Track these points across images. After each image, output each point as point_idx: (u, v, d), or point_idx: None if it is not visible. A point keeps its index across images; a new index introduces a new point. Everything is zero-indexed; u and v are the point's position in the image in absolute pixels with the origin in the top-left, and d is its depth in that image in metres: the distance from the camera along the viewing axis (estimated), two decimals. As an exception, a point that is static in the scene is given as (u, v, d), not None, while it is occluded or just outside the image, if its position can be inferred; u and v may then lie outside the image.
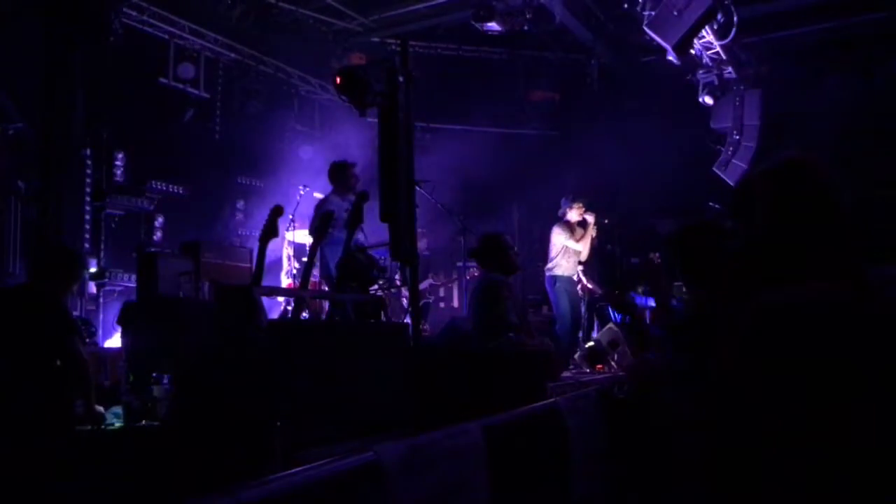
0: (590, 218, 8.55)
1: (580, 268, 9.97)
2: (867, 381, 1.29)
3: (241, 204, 10.57)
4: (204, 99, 10.01)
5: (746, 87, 10.67)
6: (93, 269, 7.97)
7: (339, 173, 7.20)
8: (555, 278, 8.46)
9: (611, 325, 8.15)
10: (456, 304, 10.25)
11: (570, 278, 8.55)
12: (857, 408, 1.27)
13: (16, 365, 3.83)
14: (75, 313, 6.33)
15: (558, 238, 8.49)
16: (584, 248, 8.55)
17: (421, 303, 9.70)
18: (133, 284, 7.19)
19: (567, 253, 8.47)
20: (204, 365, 3.54)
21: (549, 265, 8.54)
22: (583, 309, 8.98)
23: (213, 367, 3.47)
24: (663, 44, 8.66)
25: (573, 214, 8.55)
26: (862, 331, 1.35)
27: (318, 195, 10.04)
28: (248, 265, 7.09)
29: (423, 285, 9.79)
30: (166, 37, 9.51)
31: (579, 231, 8.54)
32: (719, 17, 9.02)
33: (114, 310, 6.82)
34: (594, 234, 8.69)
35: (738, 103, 10.61)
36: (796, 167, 1.63)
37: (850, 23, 10.33)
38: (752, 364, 1.36)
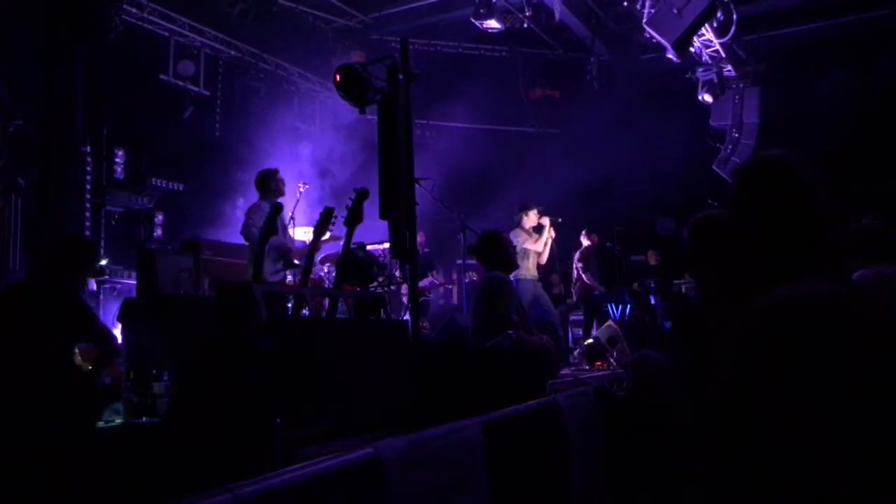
0: (545, 222, 8.64)
1: (580, 265, 10.00)
2: (877, 380, 1.30)
3: (240, 201, 10.56)
4: (204, 96, 10.02)
5: (746, 84, 10.69)
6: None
7: (267, 181, 7.24)
8: (516, 281, 8.55)
9: (610, 322, 8.16)
10: (455, 300, 10.26)
11: (531, 280, 8.62)
12: (869, 408, 1.28)
13: (38, 360, 3.82)
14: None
15: (517, 241, 8.59)
16: (543, 250, 8.66)
17: (420, 300, 9.74)
18: (133, 281, 7.19)
19: (526, 256, 8.56)
20: (204, 362, 3.55)
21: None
22: (580, 308, 9.03)
23: (213, 363, 3.48)
24: (663, 42, 8.66)
25: (529, 219, 8.65)
26: (872, 328, 1.36)
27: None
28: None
29: (424, 283, 9.82)
30: (166, 34, 9.51)
31: (535, 235, 8.64)
32: (719, 14, 9.03)
33: (114, 307, 6.82)
34: (552, 236, 8.80)
35: (737, 101, 10.63)
36: (767, 165, 1.63)
37: (851, 20, 10.33)
38: (763, 364, 1.36)
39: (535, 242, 8.61)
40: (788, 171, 1.57)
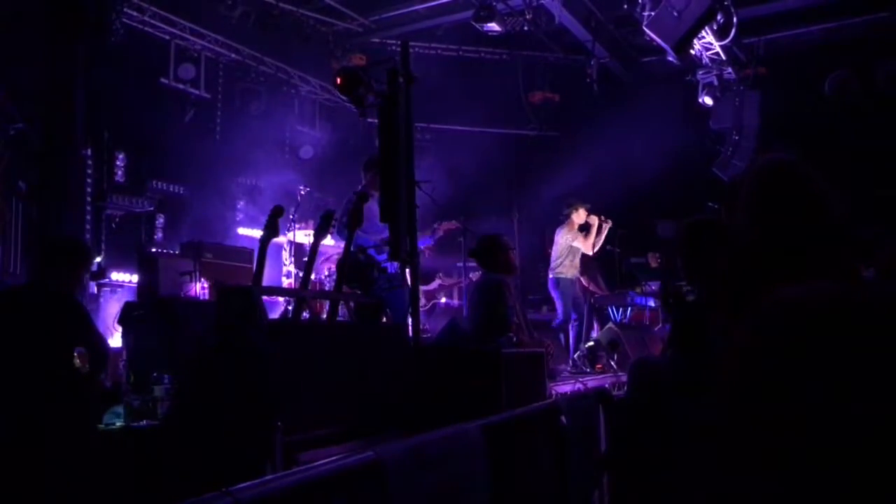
0: (592, 221, 8.60)
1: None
2: (883, 379, 1.29)
3: (241, 204, 10.58)
4: (204, 99, 10.03)
5: (746, 87, 10.68)
6: (93, 269, 7.97)
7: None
8: (558, 280, 8.50)
9: (610, 324, 8.17)
10: (456, 303, 10.26)
11: (572, 280, 8.59)
12: (876, 408, 1.27)
13: (35, 363, 3.82)
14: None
15: (565, 240, 8.54)
16: (589, 249, 8.63)
17: (431, 303, 9.77)
18: (133, 284, 7.20)
19: (571, 254, 8.52)
20: (204, 365, 3.55)
21: (553, 266, 8.57)
22: (585, 309, 9.02)
23: (213, 367, 3.48)
24: (663, 44, 8.67)
25: (579, 217, 8.61)
26: (879, 328, 1.35)
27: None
28: (249, 265, 7.10)
29: (432, 286, 9.83)
30: (167, 37, 9.52)
31: (583, 234, 8.60)
32: (719, 17, 9.04)
33: (114, 309, 6.82)
34: (599, 236, 8.78)
35: (737, 104, 10.62)
36: (776, 168, 1.63)
37: (851, 23, 10.34)
38: (767, 365, 1.36)
39: (585, 241, 8.57)
40: (799, 172, 1.57)
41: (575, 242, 8.50)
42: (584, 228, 8.64)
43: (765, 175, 1.65)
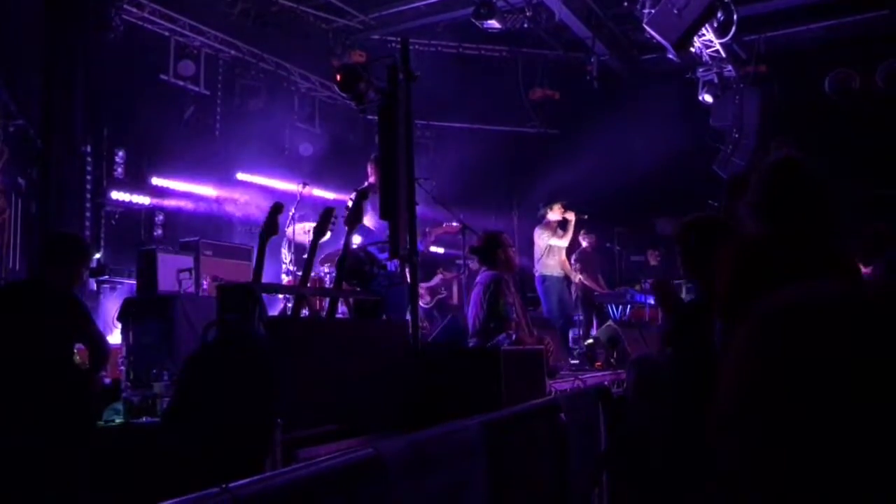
0: (570, 216, 8.61)
1: (577, 265, 9.99)
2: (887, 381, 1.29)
3: (240, 201, 10.57)
4: (204, 96, 10.02)
5: (746, 85, 10.67)
6: (93, 266, 7.96)
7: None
8: (543, 277, 8.56)
9: (610, 322, 8.16)
10: (456, 300, 10.27)
11: (557, 277, 8.61)
12: (882, 410, 1.27)
13: (36, 360, 3.82)
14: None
15: (542, 239, 8.59)
16: (566, 243, 8.67)
17: (436, 299, 9.78)
18: (133, 281, 7.18)
19: (552, 252, 8.56)
20: (204, 362, 3.55)
21: (536, 266, 8.64)
22: (579, 308, 9.03)
23: (213, 364, 3.48)
24: (663, 42, 8.66)
25: (554, 215, 8.63)
26: (880, 329, 1.35)
27: (319, 192, 10.10)
28: (248, 262, 7.09)
29: (435, 281, 9.84)
30: (167, 33, 9.51)
31: (559, 231, 8.63)
32: (719, 15, 9.03)
33: (114, 306, 6.81)
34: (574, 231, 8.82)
35: (737, 101, 10.61)
36: (784, 167, 1.63)
37: (851, 21, 10.33)
38: (767, 367, 1.35)
39: (562, 238, 8.56)
40: (807, 173, 1.57)
41: (552, 240, 8.53)
42: (564, 225, 8.66)
43: (773, 173, 1.65)
